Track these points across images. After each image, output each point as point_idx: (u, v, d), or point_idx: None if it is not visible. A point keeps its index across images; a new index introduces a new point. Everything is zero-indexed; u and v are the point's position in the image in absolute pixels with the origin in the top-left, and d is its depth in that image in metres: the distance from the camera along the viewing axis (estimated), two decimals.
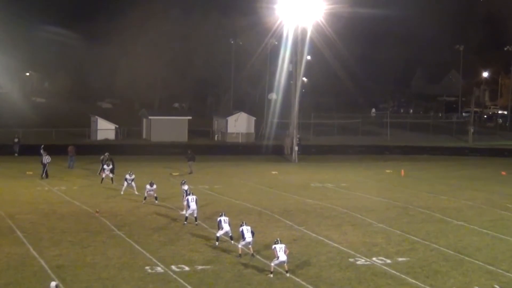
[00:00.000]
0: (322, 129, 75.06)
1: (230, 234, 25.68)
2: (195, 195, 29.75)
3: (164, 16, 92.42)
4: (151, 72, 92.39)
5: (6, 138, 56.85)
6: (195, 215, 29.10)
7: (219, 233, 25.63)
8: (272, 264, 22.19)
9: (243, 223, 24.54)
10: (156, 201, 33.85)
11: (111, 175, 39.90)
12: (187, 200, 29.13)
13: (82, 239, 26.40)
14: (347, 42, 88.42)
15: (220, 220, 25.60)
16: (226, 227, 25.47)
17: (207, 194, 37.30)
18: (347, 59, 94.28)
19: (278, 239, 22.75)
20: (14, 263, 23.01)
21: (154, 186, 33.93)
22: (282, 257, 21.98)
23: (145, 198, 34.05)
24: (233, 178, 44.36)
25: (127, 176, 36.28)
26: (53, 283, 18.50)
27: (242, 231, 23.99)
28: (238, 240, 24.61)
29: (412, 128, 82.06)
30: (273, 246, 22.30)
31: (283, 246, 22.16)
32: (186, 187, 31.93)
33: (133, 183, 36.20)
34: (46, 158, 41.88)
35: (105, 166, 40.47)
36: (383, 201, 36.47)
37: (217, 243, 25.61)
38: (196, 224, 28.94)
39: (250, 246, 24.23)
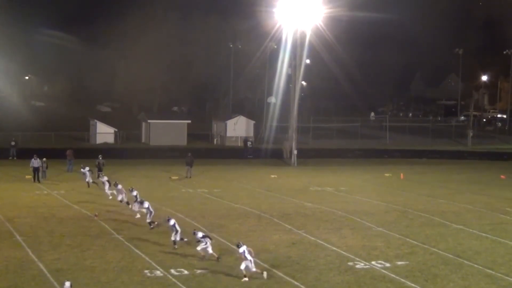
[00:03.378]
0: (321, 132, 75.03)
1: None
2: (147, 201, 29.31)
3: (163, 20, 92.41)
4: (150, 75, 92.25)
5: (5, 142, 56.84)
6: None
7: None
8: (242, 268, 21.79)
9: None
10: (129, 206, 32.52)
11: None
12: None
13: (81, 243, 26.38)
14: (346, 45, 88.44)
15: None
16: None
17: (206, 197, 37.29)
18: (346, 63, 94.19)
19: (240, 242, 22.29)
20: (13, 267, 22.98)
21: (119, 186, 33.32)
22: (248, 258, 21.66)
23: (121, 201, 33.27)
24: (232, 182, 44.37)
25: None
26: (67, 283, 18.49)
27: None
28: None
29: (411, 131, 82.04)
30: (241, 251, 21.70)
31: (246, 248, 21.79)
32: (135, 192, 31.74)
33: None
34: (36, 162, 41.95)
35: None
36: (382, 204, 36.45)
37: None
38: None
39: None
